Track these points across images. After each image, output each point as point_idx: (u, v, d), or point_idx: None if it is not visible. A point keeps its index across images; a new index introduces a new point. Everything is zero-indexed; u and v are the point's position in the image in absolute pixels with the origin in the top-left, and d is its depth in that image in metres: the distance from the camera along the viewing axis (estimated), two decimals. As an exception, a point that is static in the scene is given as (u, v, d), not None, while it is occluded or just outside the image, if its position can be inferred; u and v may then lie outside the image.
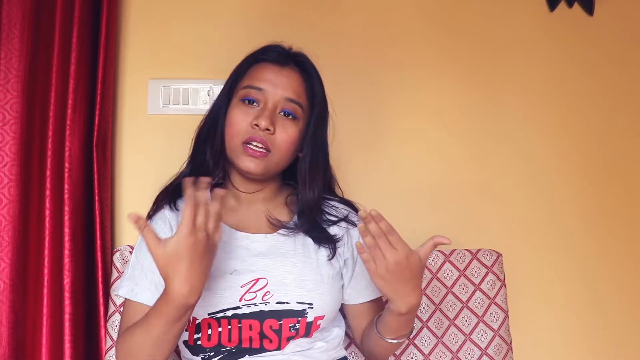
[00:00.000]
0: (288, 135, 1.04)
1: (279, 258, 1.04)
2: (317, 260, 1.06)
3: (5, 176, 1.33)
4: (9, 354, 1.30)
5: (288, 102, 1.05)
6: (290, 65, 1.08)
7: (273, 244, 1.06)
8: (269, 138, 1.03)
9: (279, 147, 1.04)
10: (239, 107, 1.05)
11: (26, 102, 1.35)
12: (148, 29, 1.51)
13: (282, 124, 1.04)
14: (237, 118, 1.04)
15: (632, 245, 1.56)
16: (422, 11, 1.57)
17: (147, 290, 1.01)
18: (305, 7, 1.54)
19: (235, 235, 1.06)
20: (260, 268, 1.02)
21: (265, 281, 1.01)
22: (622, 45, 1.59)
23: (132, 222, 0.81)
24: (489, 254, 1.34)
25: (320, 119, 1.10)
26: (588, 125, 1.57)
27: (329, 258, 1.06)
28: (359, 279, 1.10)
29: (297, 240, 1.07)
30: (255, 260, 1.03)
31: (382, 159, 1.53)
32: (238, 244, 1.05)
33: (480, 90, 1.56)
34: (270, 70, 1.06)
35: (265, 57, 1.08)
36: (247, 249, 1.04)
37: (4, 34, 1.36)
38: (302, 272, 1.03)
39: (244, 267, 1.02)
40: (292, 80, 1.06)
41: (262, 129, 1.02)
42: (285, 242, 1.06)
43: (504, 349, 1.28)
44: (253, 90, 1.05)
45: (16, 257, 1.32)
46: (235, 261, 1.03)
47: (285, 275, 1.02)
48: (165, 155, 1.47)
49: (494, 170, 1.55)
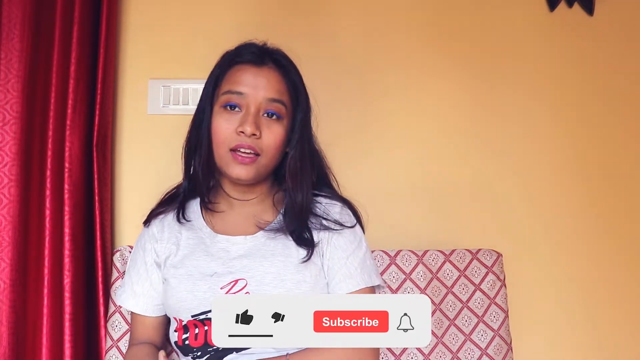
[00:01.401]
0: (275, 137, 1.02)
1: (258, 259, 1.03)
2: (299, 259, 1.04)
3: (5, 176, 1.33)
4: (9, 353, 1.30)
5: (271, 102, 1.02)
6: (268, 64, 1.05)
7: (253, 245, 1.05)
8: (256, 143, 1.01)
9: (267, 150, 1.02)
10: (222, 115, 1.03)
11: (26, 102, 1.35)
12: (148, 29, 1.51)
13: (268, 125, 1.02)
14: (222, 126, 1.02)
15: (631, 245, 1.55)
16: (420, 11, 1.56)
17: (130, 298, 1.10)
18: (302, 9, 1.54)
19: (217, 238, 1.07)
20: (239, 269, 1.02)
21: (244, 282, 1.01)
22: (622, 45, 1.59)
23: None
24: (489, 254, 1.34)
25: (304, 114, 1.08)
26: (588, 126, 1.57)
27: (303, 260, 1.03)
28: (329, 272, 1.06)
29: (278, 240, 1.05)
30: (235, 262, 1.03)
31: (381, 160, 1.53)
32: (219, 247, 1.06)
33: (479, 90, 1.56)
34: (248, 72, 1.03)
35: (241, 60, 1.05)
36: (227, 251, 1.05)
37: (4, 34, 1.36)
38: (282, 272, 1.02)
39: (224, 269, 1.02)
40: (271, 80, 1.04)
41: (248, 135, 1.00)
42: (265, 243, 1.05)
43: (504, 349, 1.28)
44: (234, 95, 1.02)
45: (16, 257, 1.32)
46: (215, 264, 1.03)
47: (264, 275, 1.01)
48: (165, 155, 1.47)
49: (494, 171, 1.55)
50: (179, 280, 1.03)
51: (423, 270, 1.30)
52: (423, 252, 1.33)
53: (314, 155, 1.11)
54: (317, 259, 1.05)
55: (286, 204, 1.07)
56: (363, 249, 1.08)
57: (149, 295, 1.09)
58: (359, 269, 1.05)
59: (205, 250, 1.05)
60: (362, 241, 1.09)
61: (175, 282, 1.03)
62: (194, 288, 1.01)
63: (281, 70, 1.06)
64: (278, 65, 1.06)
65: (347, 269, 1.04)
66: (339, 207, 1.10)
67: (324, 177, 1.14)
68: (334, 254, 1.05)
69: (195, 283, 1.02)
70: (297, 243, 1.04)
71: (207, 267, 1.03)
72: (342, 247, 1.06)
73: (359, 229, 1.10)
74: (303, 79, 1.09)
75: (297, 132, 1.06)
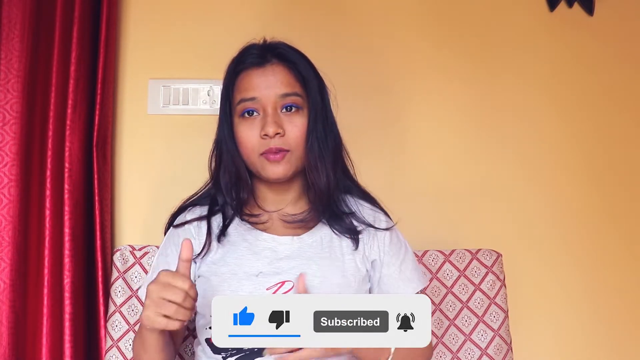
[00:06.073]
0: (299, 128, 1.02)
1: (306, 261, 1.02)
2: (344, 263, 1.04)
3: (5, 176, 1.33)
4: (9, 353, 1.30)
5: (284, 97, 1.02)
6: (271, 60, 1.04)
7: (300, 247, 1.04)
8: (283, 141, 1.00)
9: (296, 144, 1.01)
10: (242, 124, 1.03)
11: (26, 102, 1.35)
12: (148, 29, 1.51)
13: (289, 120, 1.02)
14: (246, 135, 1.02)
15: (632, 246, 1.55)
16: (422, 13, 1.57)
17: None
18: (306, 8, 1.54)
19: (262, 236, 1.05)
20: (286, 271, 1.01)
21: (291, 284, 0.99)
22: (622, 45, 1.59)
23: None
24: (489, 254, 1.34)
25: (319, 98, 1.06)
26: (588, 126, 1.57)
27: (352, 249, 1.04)
28: (386, 282, 1.08)
29: (324, 241, 1.05)
30: (282, 263, 1.02)
31: (381, 160, 1.53)
32: (264, 245, 1.04)
33: (480, 90, 1.56)
34: (254, 75, 1.03)
35: (244, 65, 1.05)
36: (274, 251, 1.03)
37: (4, 34, 1.36)
38: (328, 276, 1.01)
39: (270, 270, 1.01)
40: (278, 75, 1.03)
41: (272, 136, 0.99)
42: (312, 245, 1.04)
43: (504, 349, 1.28)
44: (248, 102, 1.02)
45: (16, 257, 1.32)
46: (261, 263, 1.02)
47: (312, 279, 1.00)
48: (165, 155, 1.47)
49: (494, 170, 1.55)
50: (222, 278, 1.01)
51: (423, 270, 1.30)
52: (423, 252, 1.33)
53: (336, 139, 1.09)
54: (362, 265, 1.06)
55: (314, 186, 1.05)
56: (410, 251, 1.12)
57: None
58: (414, 272, 1.10)
59: (249, 247, 1.04)
60: (407, 243, 1.12)
61: (217, 281, 1.01)
62: (239, 288, 0.99)
63: (286, 62, 1.05)
64: (282, 59, 1.05)
65: (404, 274, 1.07)
66: (384, 216, 1.12)
67: (344, 167, 1.13)
68: (389, 262, 1.08)
69: (240, 282, 0.99)
70: (339, 232, 1.05)
71: (252, 266, 1.01)
72: (395, 254, 1.08)
73: (398, 231, 1.13)
74: (312, 63, 1.08)
75: (317, 116, 1.04)
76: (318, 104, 1.05)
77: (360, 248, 1.06)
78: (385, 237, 1.08)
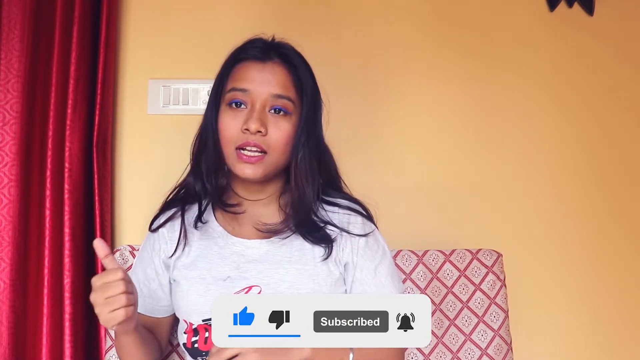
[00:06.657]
0: (282, 133, 0.98)
1: (274, 265, 1.00)
2: (315, 267, 1.01)
3: (5, 176, 1.33)
4: (9, 353, 1.30)
5: (276, 98, 0.98)
6: (273, 59, 1.01)
7: (268, 250, 1.02)
8: (262, 140, 0.97)
9: (275, 147, 0.98)
10: (227, 113, 0.99)
11: (26, 102, 1.35)
12: (148, 29, 1.51)
13: (274, 122, 0.98)
14: (227, 124, 0.98)
15: (632, 246, 1.55)
16: (422, 12, 1.57)
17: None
18: (304, 6, 1.54)
19: (231, 240, 1.04)
20: (253, 275, 1.00)
21: (258, 289, 0.99)
22: (622, 45, 1.59)
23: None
24: (489, 254, 1.34)
25: (312, 110, 1.03)
26: (588, 126, 1.57)
27: (323, 258, 1.01)
28: (358, 286, 1.04)
29: (294, 245, 1.03)
30: (249, 267, 1.00)
31: (381, 159, 1.53)
32: (233, 249, 1.03)
33: (480, 90, 1.56)
34: (252, 68, 1.00)
35: (245, 56, 1.02)
36: (242, 255, 1.02)
37: (4, 34, 1.36)
38: (297, 281, 0.99)
39: (238, 274, 1.00)
40: (276, 75, 1.00)
41: (252, 132, 0.96)
42: (280, 248, 1.02)
43: (504, 349, 1.28)
44: (238, 93, 0.99)
45: (16, 257, 1.32)
46: (229, 268, 1.01)
47: (280, 283, 0.99)
48: (165, 155, 1.47)
49: (494, 170, 1.55)
50: (191, 283, 1.00)
51: (423, 270, 1.30)
52: (423, 252, 1.33)
53: (323, 153, 1.07)
54: (335, 268, 1.03)
55: (292, 202, 1.02)
56: (388, 256, 1.07)
57: (156, 297, 1.05)
58: (389, 278, 1.04)
59: (218, 252, 1.02)
60: (385, 247, 1.07)
61: (187, 285, 1.01)
62: (206, 292, 0.98)
63: (288, 65, 1.02)
64: (284, 60, 1.02)
65: (378, 279, 1.03)
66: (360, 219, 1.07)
67: (332, 178, 1.10)
68: (363, 265, 1.03)
69: (207, 287, 0.99)
70: (312, 242, 1.02)
71: (221, 271, 1.00)
72: (370, 258, 1.04)
73: (378, 234, 1.08)
74: (314, 74, 1.05)
75: (304, 128, 1.01)
76: (309, 115, 1.02)
77: (332, 251, 1.02)
78: (360, 239, 1.04)
